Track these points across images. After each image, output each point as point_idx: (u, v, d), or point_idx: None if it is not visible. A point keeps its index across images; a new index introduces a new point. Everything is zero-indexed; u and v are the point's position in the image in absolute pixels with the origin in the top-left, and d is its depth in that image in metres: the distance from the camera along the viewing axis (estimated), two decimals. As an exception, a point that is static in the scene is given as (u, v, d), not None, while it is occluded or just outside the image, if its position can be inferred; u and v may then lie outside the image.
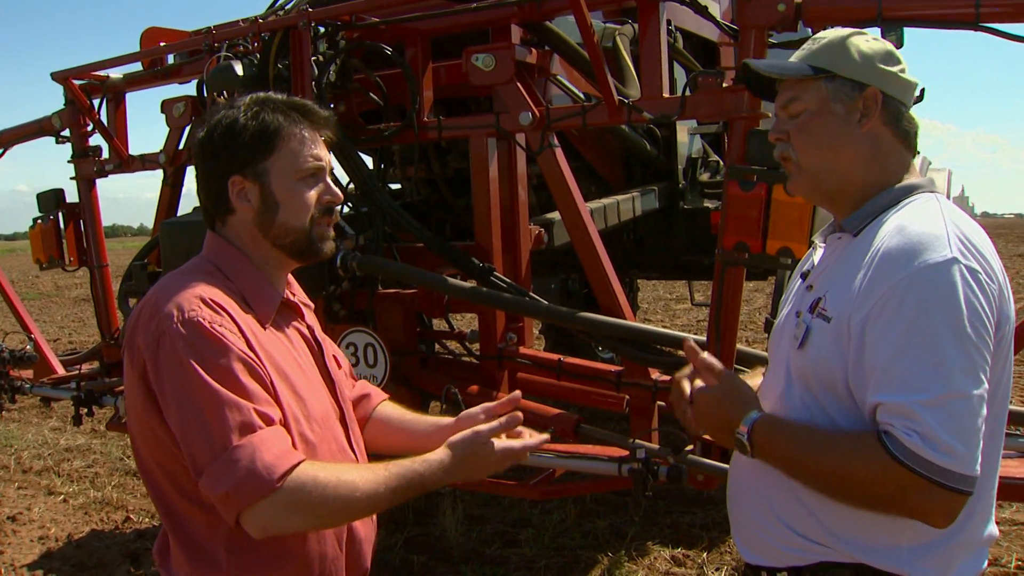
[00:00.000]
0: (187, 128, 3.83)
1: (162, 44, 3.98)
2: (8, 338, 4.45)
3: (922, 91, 2.40)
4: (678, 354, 2.77)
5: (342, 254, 2.99)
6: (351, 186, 3.21)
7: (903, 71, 1.54)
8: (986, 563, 1.52)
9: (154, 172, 4.04)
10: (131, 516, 4.93)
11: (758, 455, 1.48)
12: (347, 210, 3.17)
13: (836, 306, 1.44)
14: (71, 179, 4.28)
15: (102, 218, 4.36)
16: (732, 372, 1.61)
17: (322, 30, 3.15)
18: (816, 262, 1.64)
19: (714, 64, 4.28)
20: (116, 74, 4.08)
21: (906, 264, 1.35)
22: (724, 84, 2.63)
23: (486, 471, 1.61)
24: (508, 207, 3.14)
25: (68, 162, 4.27)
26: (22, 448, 6.44)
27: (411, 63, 3.16)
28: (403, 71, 3.10)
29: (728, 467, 1.77)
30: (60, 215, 4.27)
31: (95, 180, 4.27)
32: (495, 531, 4.49)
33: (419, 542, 4.38)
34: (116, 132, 4.13)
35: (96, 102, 4.08)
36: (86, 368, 4.32)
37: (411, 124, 3.11)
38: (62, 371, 4.38)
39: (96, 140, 4.23)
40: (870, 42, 1.53)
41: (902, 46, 2.38)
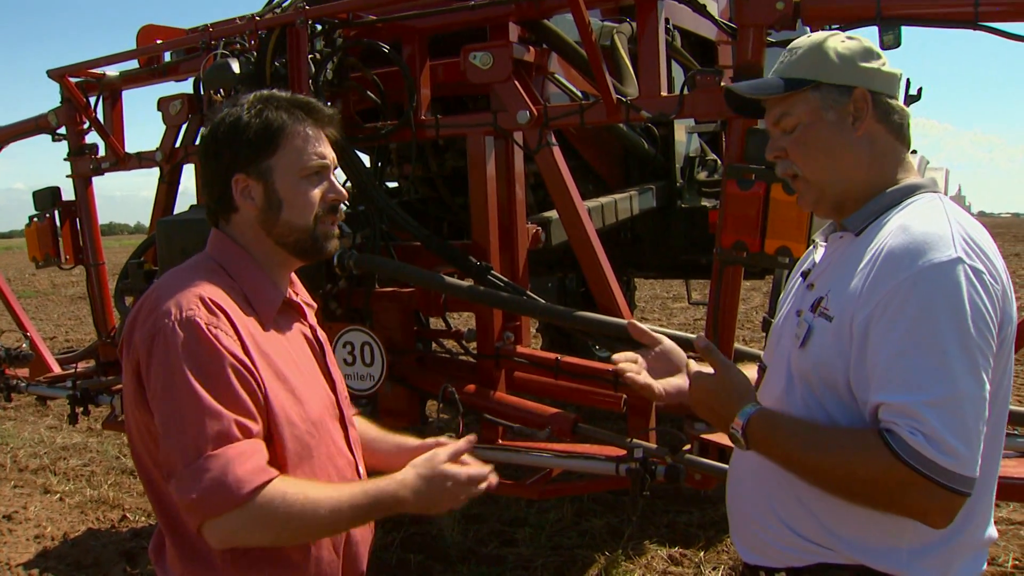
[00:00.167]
0: (183, 126, 3.82)
1: (159, 42, 3.97)
2: (4, 336, 4.45)
3: (919, 90, 2.40)
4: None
5: (339, 252, 2.98)
6: (348, 184, 3.20)
7: (884, 64, 1.54)
8: (985, 565, 1.51)
9: (151, 170, 4.05)
10: (127, 515, 4.92)
11: (753, 449, 1.48)
12: (344, 208, 3.16)
13: (838, 305, 1.43)
14: (67, 177, 4.28)
15: (98, 216, 4.35)
16: (730, 362, 1.60)
17: (319, 28, 3.14)
18: (817, 261, 1.64)
19: (711, 63, 4.27)
20: (112, 72, 4.07)
21: (910, 263, 1.34)
22: (722, 83, 2.62)
23: (450, 497, 1.58)
24: (506, 206, 3.14)
25: (64, 160, 4.26)
26: (18, 446, 6.42)
27: (408, 61, 3.15)
28: (400, 69, 3.10)
29: (726, 466, 1.76)
30: (56, 213, 4.27)
31: (91, 178, 4.26)
32: (492, 530, 4.48)
33: (416, 541, 4.37)
34: (112, 130, 4.12)
35: (92, 100, 4.06)
36: (82, 366, 4.32)
37: (408, 122, 3.11)
38: (58, 369, 4.37)
39: (92, 138, 4.23)
40: (846, 42, 1.53)
41: (899, 45, 2.36)
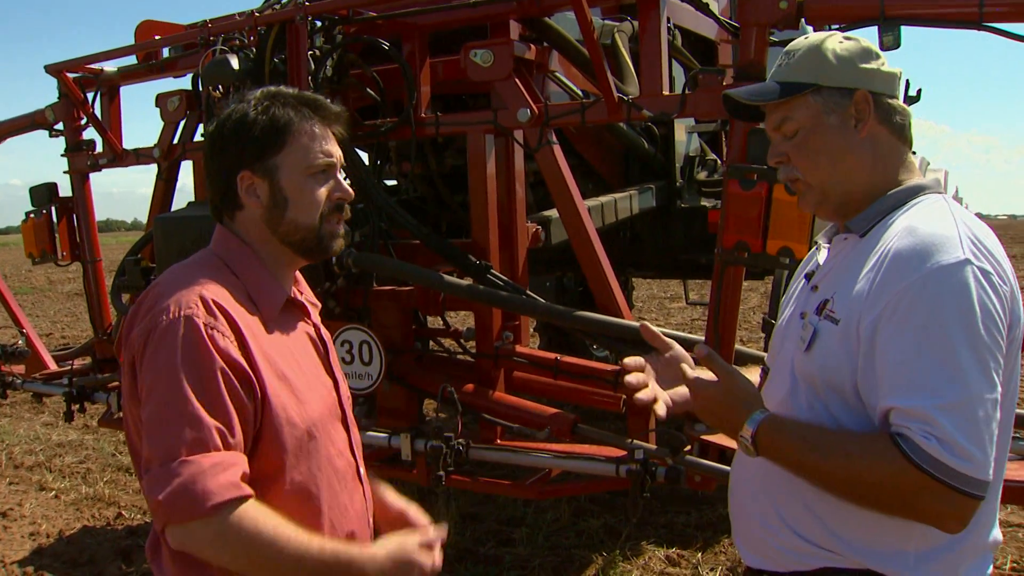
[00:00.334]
0: (182, 122, 3.81)
1: (157, 37, 3.95)
2: (0, 333, 4.42)
3: (918, 91, 2.38)
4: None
5: (338, 250, 2.97)
6: (348, 181, 3.19)
7: (883, 64, 1.52)
8: (991, 568, 1.50)
9: (148, 167, 4.03)
10: (123, 512, 4.90)
11: (763, 455, 1.46)
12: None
13: (845, 308, 1.42)
14: (64, 173, 4.26)
15: (95, 212, 4.33)
16: (734, 368, 1.58)
17: (319, 24, 3.13)
18: (820, 263, 1.62)
19: (711, 62, 4.26)
20: (110, 67, 4.05)
21: (918, 265, 1.33)
22: (724, 82, 2.61)
23: None
24: (505, 204, 3.12)
25: (62, 156, 4.25)
26: (13, 443, 6.40)
27: (408, 58, 3.13)
28: (400, 66, 3.08)
29: (727, 468, 1.75)
30: (53, 209, 4.26)
31: (88, 174, 4.25)
32: (489, 530, 4.47)
33: (413, 541, 4.36)
34: (110, 126, 4.10)
35: (90, 95, 4.05)
36: (78, 364, 4.31)
37: (408, 120, 3.10)
38: (54, 366, 4.35)
39: (90, 134, 4.22)
40: (844, 43, 1.51)
41: (899, 46, 2.35)
